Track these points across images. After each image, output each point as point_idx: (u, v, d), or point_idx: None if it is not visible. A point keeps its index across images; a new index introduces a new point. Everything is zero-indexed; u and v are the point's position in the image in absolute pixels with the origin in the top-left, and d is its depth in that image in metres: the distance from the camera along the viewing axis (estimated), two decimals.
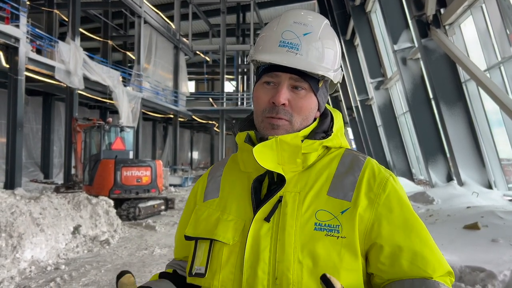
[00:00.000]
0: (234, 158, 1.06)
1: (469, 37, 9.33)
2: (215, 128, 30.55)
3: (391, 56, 13.52)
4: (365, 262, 0.90)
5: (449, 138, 9.51)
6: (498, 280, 3.82)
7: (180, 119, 24.37)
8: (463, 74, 9.49)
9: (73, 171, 13.22)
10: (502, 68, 8.01)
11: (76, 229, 6.76)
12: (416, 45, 10.60)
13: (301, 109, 0.92)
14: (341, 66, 1.00)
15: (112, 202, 8.24)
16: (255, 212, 0.90)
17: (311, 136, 0.95)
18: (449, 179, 10.43)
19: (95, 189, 9.93)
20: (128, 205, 9.49)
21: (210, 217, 0.96)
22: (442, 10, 9.40)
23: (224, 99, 25.46)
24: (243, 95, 27.42)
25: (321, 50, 0.92)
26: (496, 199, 8.36)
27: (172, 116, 23.78)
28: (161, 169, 10.94)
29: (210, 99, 27.66)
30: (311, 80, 0.92)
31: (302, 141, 0.92)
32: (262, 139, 0.94)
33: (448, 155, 10.43)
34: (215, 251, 0.92)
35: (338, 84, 1.03)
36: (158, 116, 25.05)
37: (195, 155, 39.18)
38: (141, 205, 9.63)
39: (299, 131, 0.93)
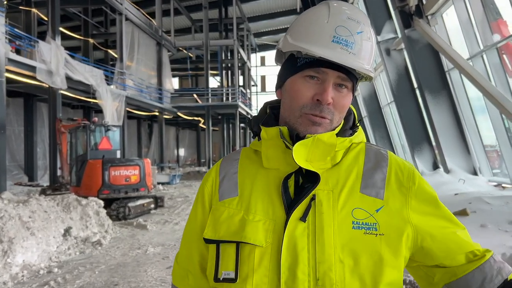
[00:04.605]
0: (247, 153, 1.00)
1: (452, 27, 9.47)
2: (201, 124, 30.38)
3: None
4: (409, 259, 0.91)
5: (434, 127, 9.67)
6: None
7: (165, 116, 24.16)
8: (446, 63, 9.64)
9: (59, 172, 13.01)
10: (484, 56, 8.16)
11: (67, 231, 6.68)
12: (400, 35, 10.72)
13: (342, 107, 0.90)
14: None
15: (102, 203, 8.17)
16: (287, 211, 0.86)
17: (341, 133, 0.93)
18: (435, 167, 10.60)
19: (83, 190, 9.81)
20: (117, 205, 9.40)
21: (232, 218, 0.91)
22: (424, 0, 9.51)
23: (209, 94, 25.31)
24: (228, 90, 27.31)
25: (370, 50, 0.90)
26: (481, 185, 8.57)
27: (157, 113, 23.56)
28: (149, 168, 10.85)
29: (195, 95, 27.47)
30: (355, 79, 0.90)
31: None
32: (298, 135, 0.90)
33: (433, 143, 10.60)
34: (244, 254, 0.87)
35: None
36: (143, 114, 24.78)
37: (182, 152, 38.94)
38: (130, 204, 9.56)
39: (334, 129, 0.91)
